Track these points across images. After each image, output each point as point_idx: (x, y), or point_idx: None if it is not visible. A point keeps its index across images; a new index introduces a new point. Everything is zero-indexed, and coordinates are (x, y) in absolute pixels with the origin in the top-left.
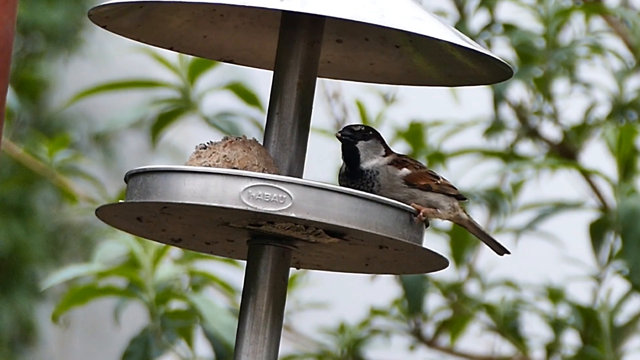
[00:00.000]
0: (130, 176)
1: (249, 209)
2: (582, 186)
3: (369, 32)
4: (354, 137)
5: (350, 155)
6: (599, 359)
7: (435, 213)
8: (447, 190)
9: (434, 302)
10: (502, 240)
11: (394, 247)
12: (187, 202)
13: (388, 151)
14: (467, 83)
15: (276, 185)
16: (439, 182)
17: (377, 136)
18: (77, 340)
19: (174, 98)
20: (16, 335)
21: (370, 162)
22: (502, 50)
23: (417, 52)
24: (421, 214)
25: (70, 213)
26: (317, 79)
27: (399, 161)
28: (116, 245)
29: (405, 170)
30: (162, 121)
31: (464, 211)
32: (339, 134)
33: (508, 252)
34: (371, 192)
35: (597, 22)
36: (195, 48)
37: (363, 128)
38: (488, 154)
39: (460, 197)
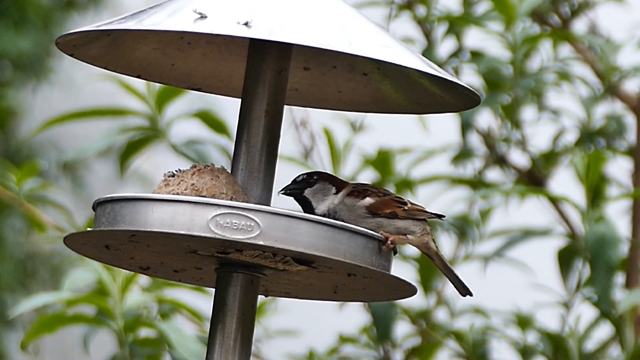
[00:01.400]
0: (99, 204)
1: (217, 236)
2: (551, 213)
3: (337, 60)
4: (299, 188)
5: (303, 205)
6: None
7: (406, 239)
8: (416, 215)
9: (402, 329)
10: (471, 267)
11: (363, 274)
12: (155, 230)
13: (340, 186)
14: (434, 110)
15: (244, 213)
16: (406, 207)
17: (323, 178)
18: None
19: (142, 126)
20: None
21: (324, 204)
22: (470, 78)
23: (384, 79)
24: (389, 242)
25: (39, 241)
26: (285, 106)
27: (360, 190)
28: (85, 273)
29: (368, 200)
30: (131, 149)
31: (434, 241)
32: (283, 191)
33: (470, 294)
34: None
35: (565, 49)
36: (163, 76)
37: (305, 176)
38: (456, 181)
39: (438, 216)
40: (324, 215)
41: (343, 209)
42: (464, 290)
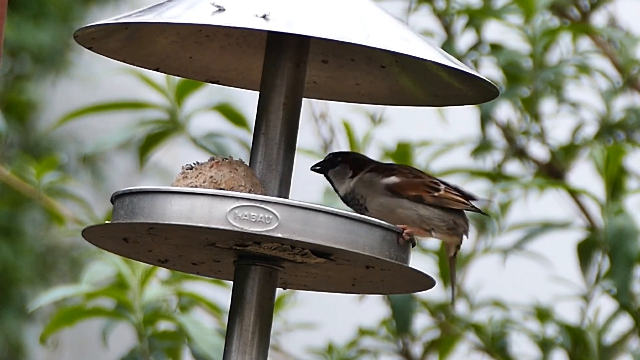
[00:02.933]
0: (117, 197)
1: (235, 229)
2: (570, 206)
3: (355, 53)
4: (325, 167)
5: (330, 184)
6: None
7: (428, 234)
8: (448, 203)
9: (422, 322)
10: (490, 260)
11: (381, 267)
12: (173, 222)
13: (359, 169)
14: (453, 103)
15: (262, 206)
16: (436, 194)
17: (345, 160)
18: None
19: (161, 119)
20: (5, 357)
21: (342, 188)
22: (490, 71)
23: (403, 72)
24: (404, 234)
25: (58, 234)
26: (304, 99)
27: (386, 168)
28: (104, 266)
29: (393, 179)
30: (150, 142)
31: (458, 246)
32: (312, 168)
33: (452, 305)
34: (361, 213)
35: (585, 42)
36: (181, 69)
37: (331, 156)
38: (476, 174)
39: (476, 209)
40: (344, 198)
41: (360, 187)
42: (451, 299)
